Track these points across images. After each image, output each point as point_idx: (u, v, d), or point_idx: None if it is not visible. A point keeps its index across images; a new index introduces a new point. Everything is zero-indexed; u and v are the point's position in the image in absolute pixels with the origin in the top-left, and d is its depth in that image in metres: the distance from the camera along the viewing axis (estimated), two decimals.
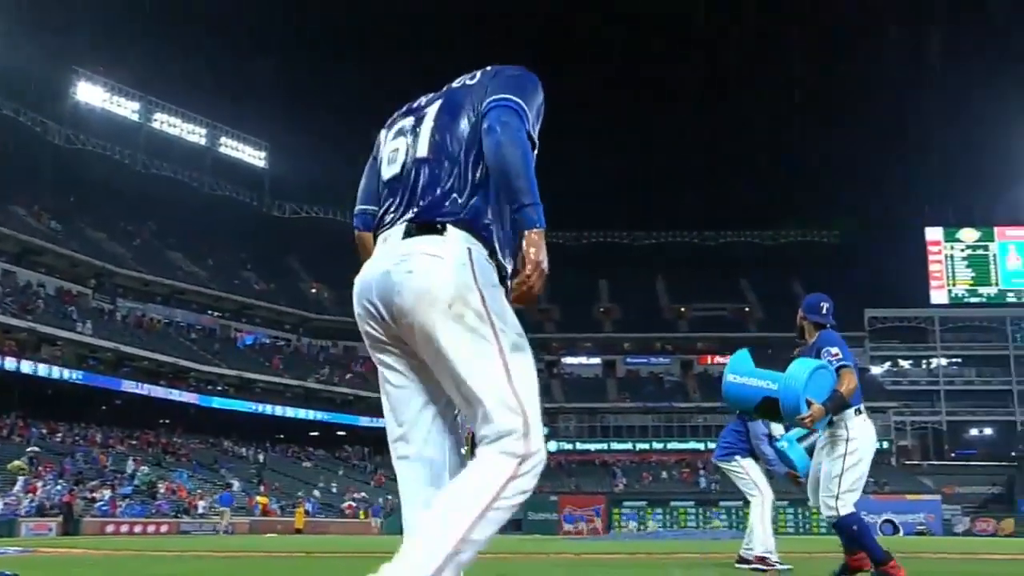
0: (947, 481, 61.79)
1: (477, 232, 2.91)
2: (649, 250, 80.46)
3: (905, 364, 76.00)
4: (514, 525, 37.75)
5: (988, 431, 72.65)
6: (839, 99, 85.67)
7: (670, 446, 66.89)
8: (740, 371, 6.62)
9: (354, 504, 50.16)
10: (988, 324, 73.71)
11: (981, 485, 62.80)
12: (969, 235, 74.17)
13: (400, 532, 2.98)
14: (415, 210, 2.94)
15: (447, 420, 3.02)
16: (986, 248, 73.91)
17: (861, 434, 6.52)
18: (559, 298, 67.08)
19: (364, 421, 61.87)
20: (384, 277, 2.87)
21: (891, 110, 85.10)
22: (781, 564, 8.65)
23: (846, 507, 6.40)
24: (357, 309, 2.98)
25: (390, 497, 51.37)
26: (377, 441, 59.26)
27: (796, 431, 7.27)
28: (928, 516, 52.86)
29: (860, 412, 6.60)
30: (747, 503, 9.07)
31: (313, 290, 71.27)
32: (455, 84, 3.17)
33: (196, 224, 63.79)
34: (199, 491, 43.37)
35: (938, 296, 73.66)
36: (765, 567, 8.54)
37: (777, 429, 8.45)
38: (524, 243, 2.81)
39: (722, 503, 52.27)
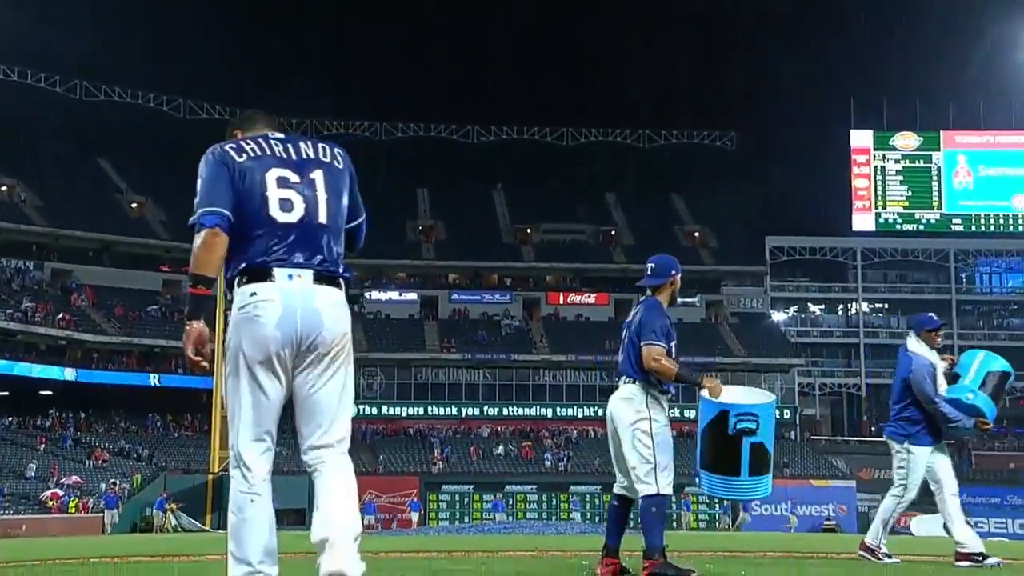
0: (865, 462, 63.13)
1: (348, 293, 5.15)
2: (485, 150, 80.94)
3: (815, 309, 78.81)
4: (298, 517, 37.79)
5: None
6: None
7: (507, 412, 68.14)
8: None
9: (61, 493, 49.13)
10: (925, 259, 75.98)
11: None
12: (907, 141, 75.98)
13: (132, 530, 3.02)
14: (322, 263, 4.97)
15: None
16: (929, 159, 75.76)
17: None
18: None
19: (84, 376, 61.32)
20: (314, 314, 4.89)
21: None
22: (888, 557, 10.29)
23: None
24: (274, 332, 4.83)
25: (115, 482, 51.73)
26: (102, 403, 63.20)
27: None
28: (839, 507, 55.77)
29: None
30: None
31: (3, 187, 69.12)
32: (324, 158, 5.16)
33: None
34: None
35: (862, 222, 75.99)
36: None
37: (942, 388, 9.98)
38: None
39: (573, 488, 52.88)
